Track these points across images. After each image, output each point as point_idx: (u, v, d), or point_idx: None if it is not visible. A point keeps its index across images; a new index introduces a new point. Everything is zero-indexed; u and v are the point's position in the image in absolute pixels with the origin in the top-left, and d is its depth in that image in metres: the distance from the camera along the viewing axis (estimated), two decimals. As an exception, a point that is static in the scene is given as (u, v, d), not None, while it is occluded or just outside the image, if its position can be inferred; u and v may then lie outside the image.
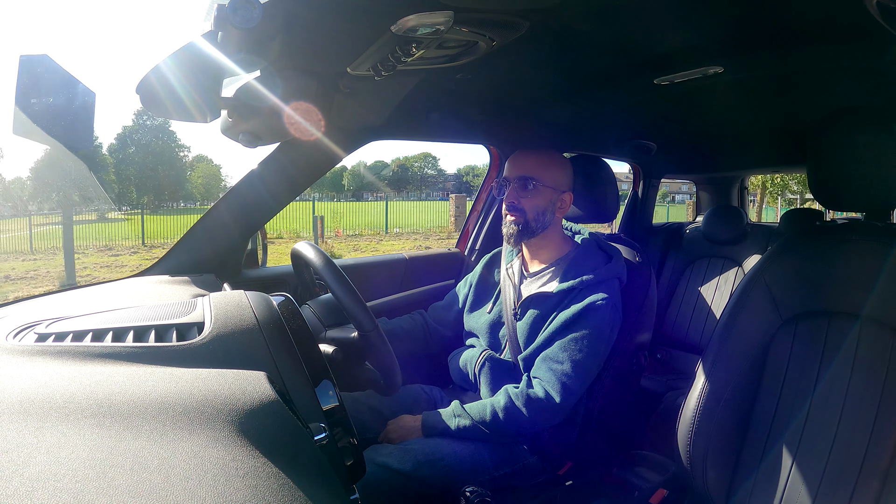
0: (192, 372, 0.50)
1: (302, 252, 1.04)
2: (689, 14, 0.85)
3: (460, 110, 1.40)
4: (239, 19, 0.60)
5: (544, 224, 1.20)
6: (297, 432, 0.48)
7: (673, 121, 1.72)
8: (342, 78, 0.96)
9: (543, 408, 1.07)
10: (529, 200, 1.18)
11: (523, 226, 1.19)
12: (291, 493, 0.38)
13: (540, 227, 1.19)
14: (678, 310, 2.24)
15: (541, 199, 1.18)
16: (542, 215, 1.19)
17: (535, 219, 1.18)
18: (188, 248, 1.17)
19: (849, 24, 0.86)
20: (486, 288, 1.33)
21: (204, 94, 0.79)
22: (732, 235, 2.18)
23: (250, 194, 1.19)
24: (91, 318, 0.63)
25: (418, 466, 1.02)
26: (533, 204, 1.18)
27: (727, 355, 0.94)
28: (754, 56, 1.03)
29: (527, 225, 1.19)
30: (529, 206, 1.18)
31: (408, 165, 36.67)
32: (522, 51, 0.94)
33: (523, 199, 1.18)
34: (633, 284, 1.22)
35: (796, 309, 0.91)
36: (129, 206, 30.47)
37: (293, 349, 0.60)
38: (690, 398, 0.96)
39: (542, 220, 1.19)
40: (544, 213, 1.19)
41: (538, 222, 1.19)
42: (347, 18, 0.75)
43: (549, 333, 1.12)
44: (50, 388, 0.44)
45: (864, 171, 0.86)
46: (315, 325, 1.08)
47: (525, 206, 1.18)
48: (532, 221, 1.18)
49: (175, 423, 0.41)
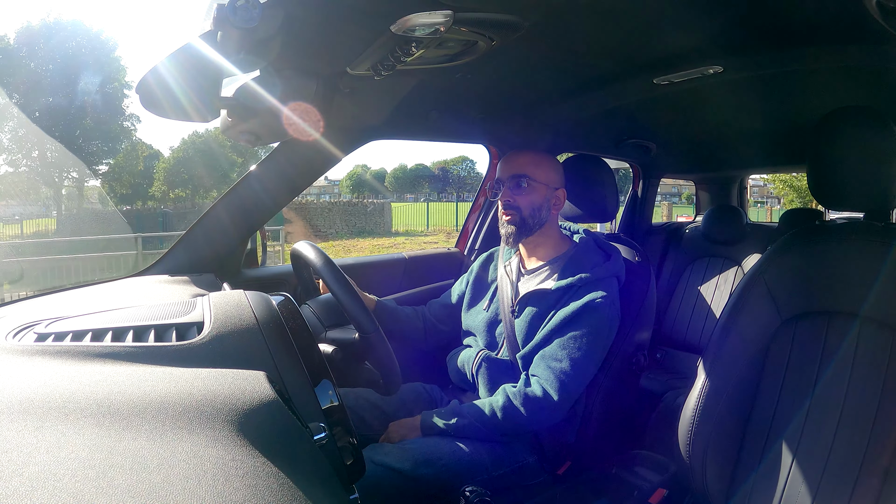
0: (192, 372, 0.50)
1: (302, 252, 1.04)
2: (688, 14, 0.85)
3: (460, 110, 1.40)
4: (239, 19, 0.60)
5: (540, 221, 1.20)
6: (297, 432, 0.48)
7: (672, 121, 1.72)
8: (342, 78, 0.96)
9: (542, 406, 1.07)
10: (524, 197, 1.19)
11: (520, 223, 1.19)
12: (291, 493, 0.38)
13: (536, 224, 1.20)
14: (678, 309, 2.24)
15: (535, 196, 1.19)
16: (538, 211, 1.19)
17: (532, 215, 1.19)
18: (188, 248, 1.17)
19: (849, 24, 0.86)
20: (483, 286, 1.33)
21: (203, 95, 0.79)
22: (732, 235, 2.18)
23: (250, 194, 1.19)
24: (90, 317, 0.63)
25: (417, 466, 1.02)
26: (528, 201, 1.19)
27: (726, 355, 0.94)
28: (754, 56, 1.03)
29: (524, 222, 1.19)
30: (525, 203, 1.19)
31: (447, 168, 37.11)
32: (522, 51, 0.94)
33: (518, 197, 1.19)
34: (632, 284, 1.22)
35: (796, 309, 0.91)
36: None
37: (293, 349, 0.60)
38: (690, 398, 0.97)
39: (537, 216, 1.20)
40: (540, 209, 1.19)
41: (534, 219, 1.19)
42: (347, 18, 0.75)
43: (547, 331, 1.12)
44: (49, 387, 0.44)
45: (864, 171, 0.86)
46: (315, 325, 1.09)
47: (520, 204, 1.19)
48: (528, 218, 1.19)
49: (174, 423, 0.41)
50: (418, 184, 34.94)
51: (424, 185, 34.73)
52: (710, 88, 1.22)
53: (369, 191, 35.98)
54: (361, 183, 36.99)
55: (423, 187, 34.56)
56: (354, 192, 35.98)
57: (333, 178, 44.34)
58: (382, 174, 37.61)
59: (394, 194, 34.45)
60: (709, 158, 2.28)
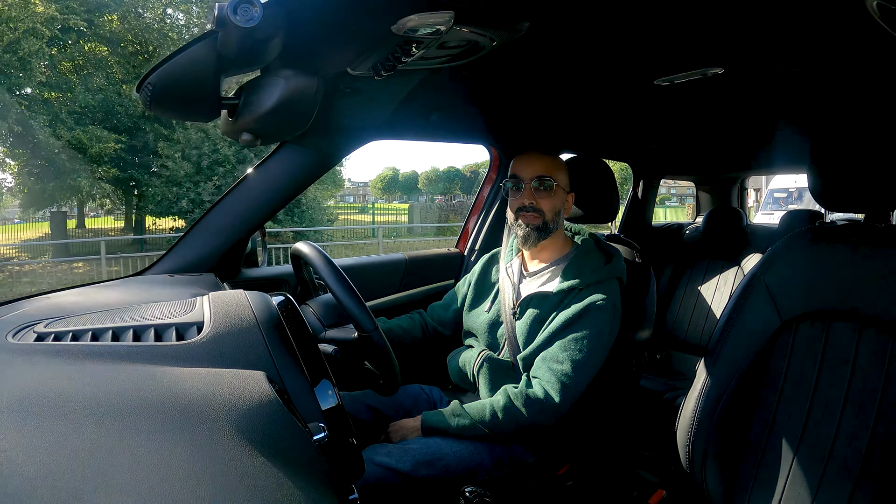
0: (192, 371, 0.50)
1: (302, 252, 1.04)
2: (689, 15, 0.85)
3: (460, 110, 1.40)
4: (240, 19, 0.61)
5: (558, 224, 1.21)
6: (296, 432, 0.48)
7: (673, 121, 1.73)
8: (342, 78, 0.96)
9: (543, 408, 1.07)
10: (549, 201, 1.19)
11: (542, 226, 1.19)
12: (290, 493, 0.38)
13: (555, 227, 1.21)
14: (678, 310, 2.24)
15: (557, 199, 1.20)
16: (559, 215, 1.20)
17: (553, 219, 1.19)
18: (188, 248, 1.17)
19: (849, 24, 0.86)
20: (485, 287, 1.33)
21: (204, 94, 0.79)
22: (732, 236, 2.18)
23: (250, 194, 1.19)
24: (90, 317, 0.63)
25: (417, 466, 1.02)
26: (551, 204, 1.19)
27: (727, 356, 0.94)
28: (755, 57, 1.03)
29: (545, 225, 1.19)
30: (548, 206, 1.19)
31: (478, 170, 37.55)
32: (523, 51, 0.94)
33: (542, 200, 1.18)
34: (633, 284, 1.22)
35: (796, 309, 0.91)
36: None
37: (293, 349, 0.60)
38: (690, 398, 0.96)
39: (557, 220, 1.20)
40: (560, 213, 1.20)
41: (555, 223, 1.20)
42: (348, 18, 0.75)
43: (548, 333, 1.12)
44: (49, 387, 0.44)
45: (864, 173, 0.86)
46: (315, 325, 1.08)
47: (544, 207, 1.19)
48: (550, 222, 1.19)
49: (174, 423, 0.41)
50: (450, 185, 35.30)
51: (456, 186, 35.05)
52: (710, 89, 1.22)
53: (402, 191, 36.60)
54: (394, 185, 37.78)
55: (455, 188, 34.90)
56: (385, 194, 37.20)
57: (357, 180, 44.50)
58: (414, 176, 38.02)
59: (425, 195, 35.16)
60: (709, 159, 2.28)
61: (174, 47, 1.01)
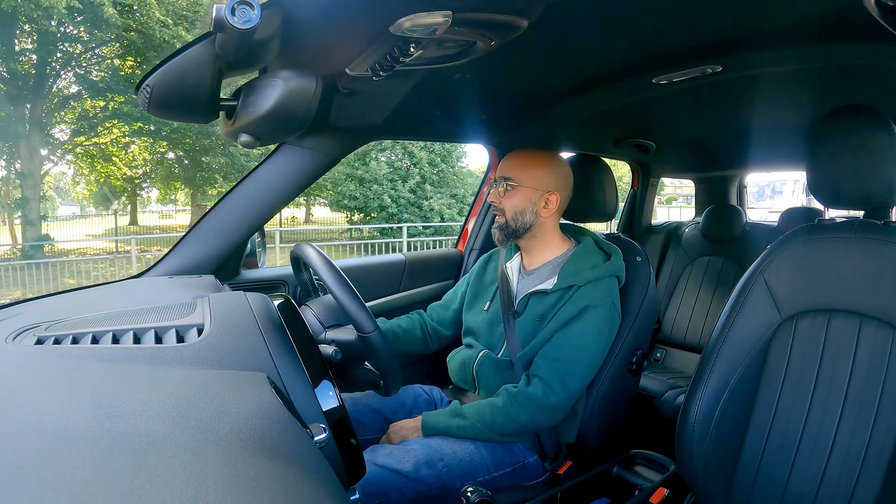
0: (192, 373, 0.50)
1: (302, 252, 1.04)
2: (688, 13, 0.85)
3: (460, 110, 1.40)
4: (237, 20, 0.61)
5: (524, 224, 1.19)
6: (297, 433, 0.48)
7: (672, 120, 1.73)
8: (341, 78, 0.96)
9: (543, 407, 1.07)
10: (508, 200, 1.19)
11: (503, 225, 1.20)
12: (291, 495, 0.38)
13: (521, 228, 1.19)
14: (678, 309, 2.24)
15: (518, 199, 1.18)
16: (521, 215, 1.19)
17: (514, 218, 1.19)
18: (188, 250, 1.17)
19: (848, 24, 0.86)
20: (484, 286, 1.33)
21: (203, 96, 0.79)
22: (731, 234, 2.18)
23: (250, 195, 1.19)
24: (90, 320, 0.63)
25: (418, 466, 1.02)
26: (511, 204, 1.19)
27: (727, 354, 0.94)
28: (753, 55, 1.03)
29: (506, 224, 1.19)
30: (508, 205, 1.19)
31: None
32: (522, 51, 0.94)
33: (504, 200, 1.19)
34: (632, 283, 1.22)
35: (796, 307, 0.91)
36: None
37: (293, 350, 0.60)
38: (690, 397, 0.97)
39: (520, 219, 1.19)
40: (523, 213, 1.19)
41: (517, 222, 1.19)
42: (346, 19, 0.75)
43: (548, 332, 1.12)
44: (49, 390, 0.44)
45: (863, 170, 0.86)
46: (315, 325, 1.08)
47: (505, 206, 1.19)
48: (511, 221, 1.19)
49: (174, 425, 0.41)
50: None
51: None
52: (709, 88, 1.22)
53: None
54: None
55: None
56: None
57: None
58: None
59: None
60: (708, 158, 2.28)
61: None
